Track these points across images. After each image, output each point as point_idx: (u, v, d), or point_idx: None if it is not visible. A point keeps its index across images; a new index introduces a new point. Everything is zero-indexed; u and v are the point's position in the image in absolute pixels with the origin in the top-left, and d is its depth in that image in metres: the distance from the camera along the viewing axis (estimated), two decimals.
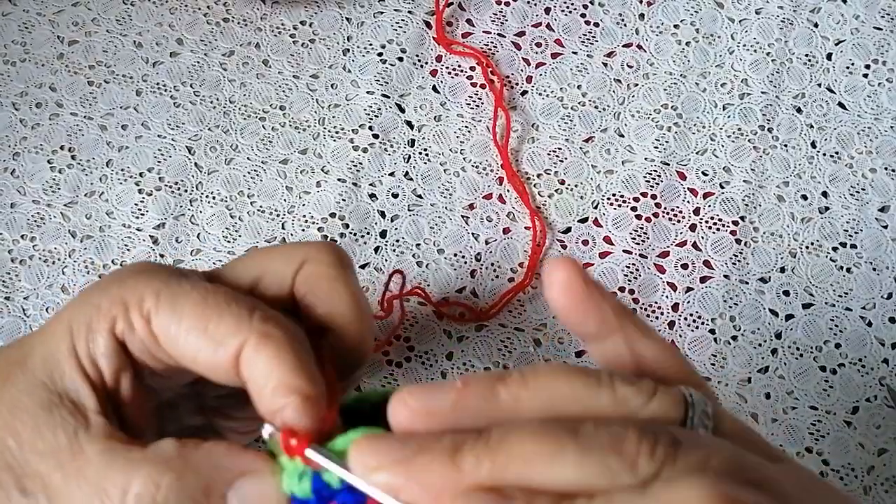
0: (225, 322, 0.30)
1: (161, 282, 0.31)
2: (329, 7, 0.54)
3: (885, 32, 0.54)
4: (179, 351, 0.31)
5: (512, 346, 0.47)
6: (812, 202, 0.50)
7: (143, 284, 0.31)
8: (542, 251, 0.49)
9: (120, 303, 0.31)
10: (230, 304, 0.31)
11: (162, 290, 0.31)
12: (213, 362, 0.30)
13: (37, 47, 0.52)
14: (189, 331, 0.30)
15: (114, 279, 0.32)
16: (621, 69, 0.53)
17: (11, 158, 0.50)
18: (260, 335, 0.30)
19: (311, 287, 0.33)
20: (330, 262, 0.33)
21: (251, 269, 0.34)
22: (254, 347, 0.30)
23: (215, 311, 0.30)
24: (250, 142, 0.51)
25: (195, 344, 0.30)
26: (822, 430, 0.46)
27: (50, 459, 0.29)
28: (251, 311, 0.31)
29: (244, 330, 0.30)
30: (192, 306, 0.30)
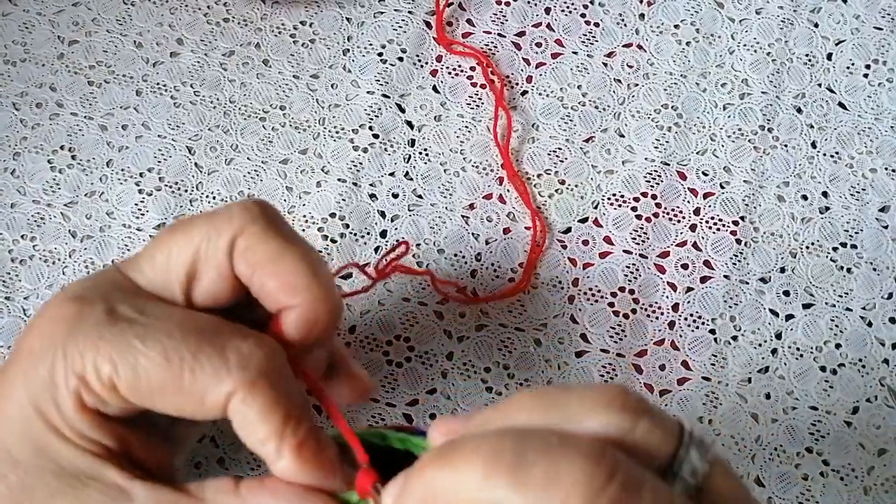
0: (200, 377, 0.28)
1: (107, 342, 0.29)
2: (329, 7, 0.54)
3: (886, 32, 0.54)
4: (160, 409, 0.29)
5: (512, 346, 0.47)
6: (812, 202, 0.50)
7: (89, 350, 0.29)
8: (541, 251, 0.49)
9: (74, 377, 0.29)
10: (198, 355, 0.29)
11: (113, 354, 0.29)
12: (199, 413, 0.29)
13: (37, 47, 0.52)
14: (164, 392, 0.29)
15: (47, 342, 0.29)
16: (621, 69, 0.53)
17: (11, 158, 0.50)
18: (245, 386, 0.29)
19: (254, 266, 0.31)
20: (263, 231, 0.31)
21: (177, 260, 0.31)
22: (241, 399, 0.29)
23: (186, 367, 0.28)
24: (250, 142, 0.51)
25: (175, 402, 0.29)
26: (823, 431, 0.46)
27: None
28: (223, 355, 0.29)
29: (227, 382, 0.29)
30: (155, 368, 0.28)
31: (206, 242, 0.31)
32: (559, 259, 0.49)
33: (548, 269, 0.49)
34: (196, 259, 0.31)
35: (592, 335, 0.48)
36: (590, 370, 0.47)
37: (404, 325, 0.48)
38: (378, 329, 0.47)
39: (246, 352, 0.29)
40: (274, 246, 0.31)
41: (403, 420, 0.46)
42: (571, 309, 0.48)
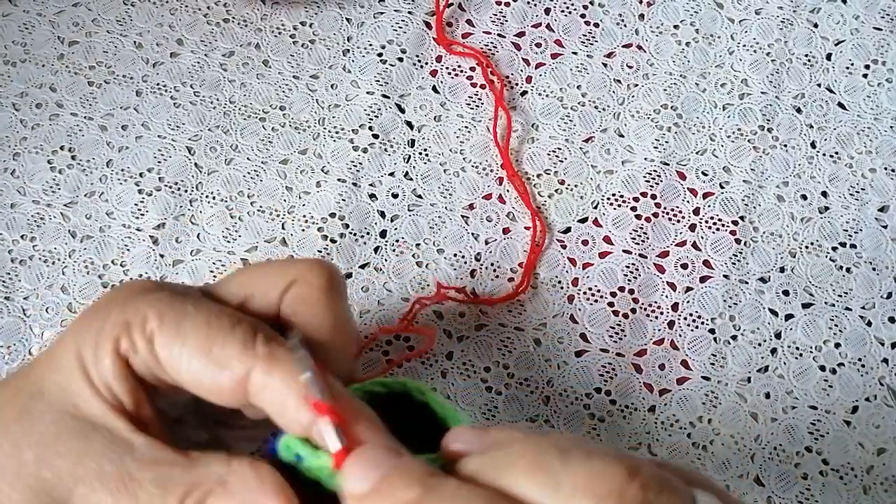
0: (230, 345, 0.30)
1: (164, 303, 0.31)
2: (329, 7, 0.54)
3: (885, 33, 0.54)
4: (182, 373, 0.30)
5: (512, 346, 0.47)
6: (812, 202, 0.50)
7: (146, 305, 0.31)
8: (540, 251, 0.49)
9: (122, 323, 0.31)
10: (234, 328, 0.30)
11: (165, 311, 0.31)
12: (216, 386, 0.30)
13: (37, 48, 0.52)
14: (193, 354, 0.30)
15: (114, 299, 0.32)
16: (621, 69, 0.53)
17: (11, 159, 0.50)
18: (267, 359, 0.30)
19: (296, 309, 0.33)
20: (318, 286, 0.33)
21: (242, 286, 0.33)
22: (264, 371, 0.30)
23: (220, 335, 0.30)
24: (250, 142, 0.51)
25: (198, 367, 0.30)
26: (822, 430, 0.46)
27: (97, 485, 0.29)
28: (254, 333, 0.30)
29: (249, 354, 0.30)
30: (195, 329, 0.30)
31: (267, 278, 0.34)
32: (559, 259, 0.49)
33: (547, 268, 0.49)
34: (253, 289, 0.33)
35: (592, 335, 0.48)
36: (589, 370, 0.47)
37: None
38: (378, 328, 0.48)
39: (272, 335, 0.31)
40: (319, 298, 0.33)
41: None
42: (571, 309, 0.48)
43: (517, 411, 0.47)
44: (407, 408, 0.32)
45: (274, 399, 0.30)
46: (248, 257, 0.49)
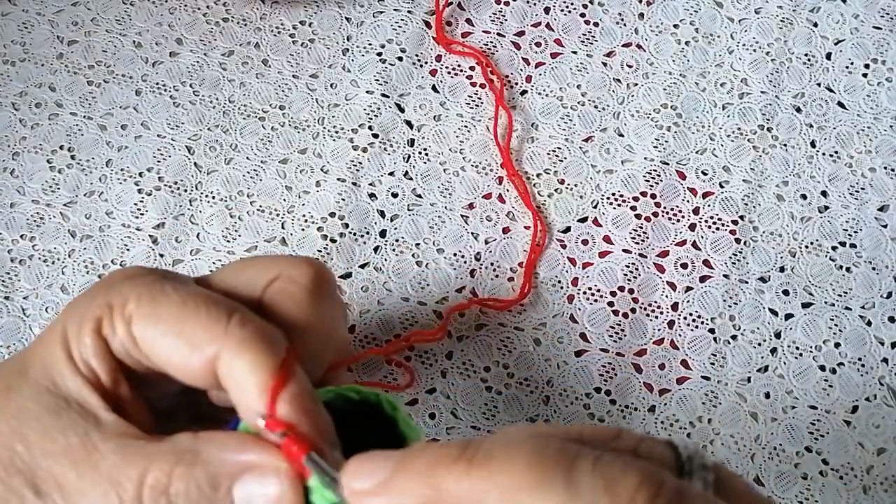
0: (201, 325, 0.30)
1: (145, 286, 0.31)
2: (328, 7, 0.54)
3: (885, 32, 0.54)
4: (156, 354, 0.31)
5: (512, 346, 0.47)
6: (811, 201, 0.50)
7: (129, 288, 0.31)
8: (541, 251, 0.49)
9: (106, 305, 0.31)
10: (208, 308, 0.30)
11: (144, 293, 0.31)
12: (187, 366, 0.30)
13: (36, 47, 0.52)
14: (165, 334, 0.30)
15: (104, 283, 0.32)
16: (621, 69, 0.53)
17: (11, 158, 0.50)
18: (237, 340, 0.30)
19: (276, 301, 0.33)
20: (301, 283, 0.33)
21: (230, 277, 0.33)
22: (231, 353, 0.29)
23: (192, 315, 0.30)
24: (250, 141, 0.51)
25: (170, 347, 0.30)
26: (822, 430, 0.46)
27: (62, 459, 0.29)
28: (229, 314, 0.30)
29: (219, 335, 0.30)
30: (169, 308, 0.30)
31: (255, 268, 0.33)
32: (559, 258, 0.49)
33: (547, 268, 0.49)
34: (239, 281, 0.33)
35: (592, 334, 0.48)
36: (589, 369, 0.47)
37: (403, 324, 0.48)
38: (377, 328, 0.48)
39: (248, 316, 0.31)
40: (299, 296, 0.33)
41: None
42: (571, 308, 0.48)
43: (517, 411, 0.47)
44: (377, 419, 0.32)
45: (237, 382, 0.30)
46: (247, 257, 0.49)
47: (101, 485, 0.29)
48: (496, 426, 0.46)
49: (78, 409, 0.30)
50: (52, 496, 0.29)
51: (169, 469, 0.29)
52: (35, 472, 0.29)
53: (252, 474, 0.29)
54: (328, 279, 0.34)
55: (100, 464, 0.29)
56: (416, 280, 0.48)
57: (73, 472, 0.29)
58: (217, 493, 0.29)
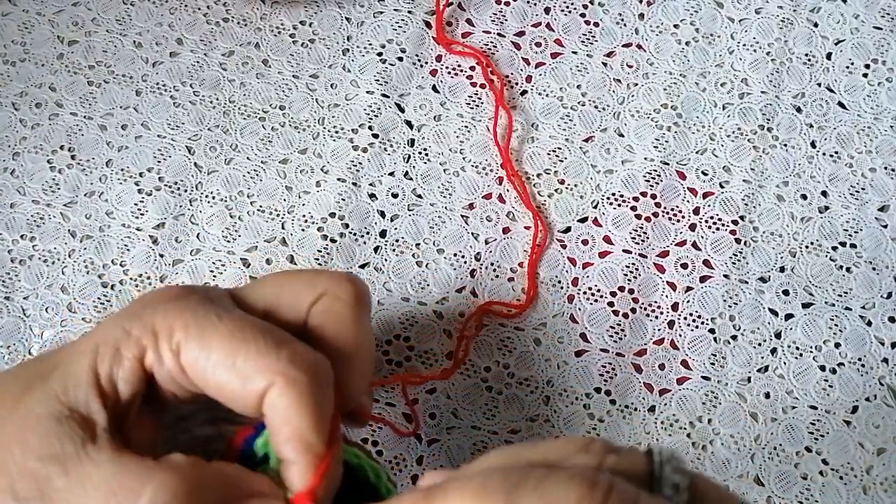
0: (253, 358, 0.31)
1: (191, 313, 0.32)
2: (329, 7, 0.54)
3: (885, 32, 0.54)
4: (207, 384, 0.31)
5: (512, 346, 0.47)
6: (812, 202, 0.50)
7: (174, 314, 0.31)
8: (541, 251, 0.49)
9: (151, 332, 0.31)
10: (258, 340, 0.31)
11: (191, 322, 0.31)
12: (239, 396, 0.31)
13: (36, 47, 0.52)
14: (217, 365, 0.31)
15: (146, 304, 0.32)
16: (621, 69, 0.53)
17: (11, 158, 0.50)
18: (286, 379, 0.30)
19: (323, 321, 0.33)
20: (347, 300, 0.34)
21: (270, 294, 0.34)
22: (278, 390, 0.30)
23: (243, 347, 0.31)
24: (250, 141, 0.51)
25: (223, 378, 0.31)
26: (822, 430, 0.46)
27: (54, 465, 0.29)
28: (278, 348, 0.31)
29: (271, 370, 0.30)
30: (220, 340, 0.31)
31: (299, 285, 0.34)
32: (559, 258, 0.49)
33: (548, 268, 0.49)
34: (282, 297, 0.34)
35: (592, 334, 0.48)
36: (589, 369, 0.47)
37: (404, 324, 0.48)
38: (378, 328, 0.48)
39: (300, 351, 0.31)
40: (347, 315, 0.34)
41: (404, 420, 0.46)
42: (571, 308, 0.48)
43: (517, 411, 0.47)
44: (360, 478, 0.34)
45: (280, 418, 0.30)
46: (247, 257, 0.49)
47: (94, 494, 0.29)
48: (496, 426, 0.46)
49: (80, 420, 0.30)
50: (30, 502, 0.29)
51: (172, 485, 0.29)
52: (21, 474, 0.29)
53: (260, 501, 0.30)
54: (368, 296, 0.35)
55: (94, 473, 0.29)
56: (417, 280, 0.48)
57: (62, 479, 0.29)
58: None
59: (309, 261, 0.48)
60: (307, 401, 0.30)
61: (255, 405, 0.31)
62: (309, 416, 0.30)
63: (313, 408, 0.30)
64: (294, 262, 0.48)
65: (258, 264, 0.49)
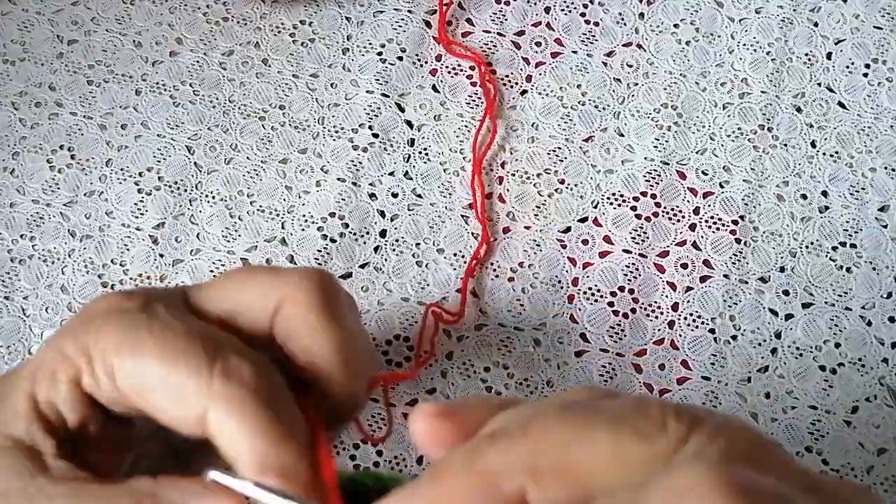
0: (183, 378, 0.28)
1: (123, 328, 0.29)
2: (329, 6, 0.54)
3: (885, 31, 0.54)
4: (147, 407, 0.29)
5: (512, 346, 0.47)
6: (812, 201, 0.50)
7: (106, 334, 0.29)
8: (479, 262, 0.49)
9: (84, 354, 0.29)
10: (187, 357, 0.28)
11: (124, 341, 0.29)
12: (181, 419, 0.28)
13: (36, 46, 0.52)
14: (152, 389, 0.28)
15: (84, 319, 0.30)
16: (621, 68, 0.53)
17: (11, 158, 0.50)
18: (223, 399, 0.27)
19: (290, 335, 0.30)
20: (310, 305, 0.30)
21: (226, 300, 0.31)
22: (217, 413, 0.27)
23: (174, 365, 0.28)
24: (250, 141, 0.51)
25: (160, 402, 0.28)
26: (822, 430, 0.46)
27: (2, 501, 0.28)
28: (211, 362, 0.28)
29: (204, 391, 0.27)
30: (151, 360, 0.28)
31: (257, 298, 0.31)
32: (559, 259, 0.49)
33: (548, 268, 0.49)
34: (238, 307, 0.31)
35: (592, 335, 0.48)
36: (589, 370, 0.47)
37: (404, 324, 0.48)
38: (378, 329, 0.48)
39: (233, 365, 0.28)
40: (313, 322, 0.30)
41: (404, 420, 0.46)
42: (571, 308, 0.48)
43: None
44: None
45: (227, 446, 0.28)
46: (248, 257, 0.49)
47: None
48: None
49: (25, 451, 0.28)
50: None
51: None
52: None
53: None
54: (337, 291, 0.31)
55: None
56: (416, 280, 0.48)
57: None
58: None
59: (309, 260, 0.48)
60: (253, 417, 0.27)
61: (199, 430, 0.28)
62: (260, 431, 0.27)
63: (262, 422, 0.27)
64: (294, 262, 0.48)
65: (258, 264, 0.48)
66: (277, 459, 0.27)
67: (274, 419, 0.28)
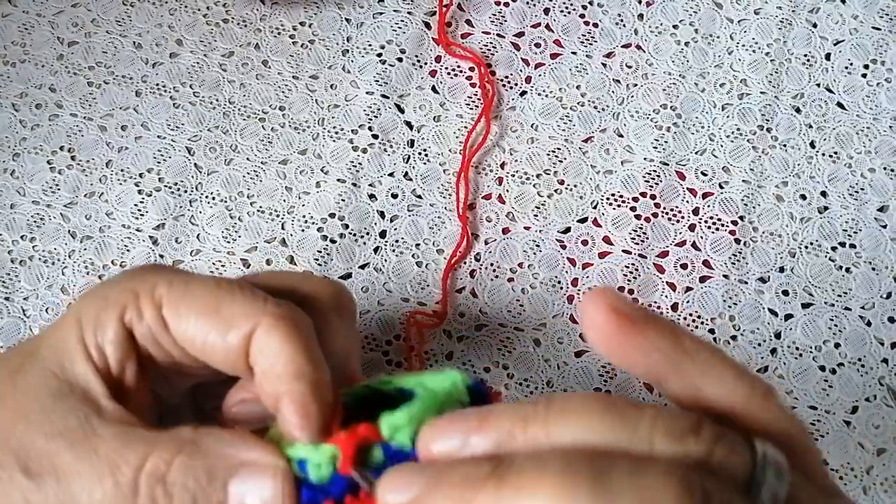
0: (238, 303, 0.30)
1: (173, 272, 0.32)
2: (328, 8, 0.54)
3: (884, 32, 0.54)
4: (189, 335, 0.31)
5: (512, 346, 0.47)
6: (811, 202, 0.50)
7: (155, 275, 0.31)
8: (458, 261, 0.49)
9: (131, 291, 0.31)
10: (243, 289, 0.31)
11: (174, 278, 0.31)
12: (222, 347, 0.30)
13: (36, 48, 0.52)
14: (200, 313, 0.30)
15: (125, 274, 0.32)
16: (620, 69, 0.53)
17: (11, 159, 0.50)
18: (273, 317, 0.30)
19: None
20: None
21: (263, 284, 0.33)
22: (266, 329, 0.30)
23: (228, 294, 0.30)
24: (250, 142, 0.51)
25: (205, 327, 0.30)
26: (822, 430, 0.46)
27: (60, 440, 0.29)
28: (265, 296, 0.31)
29: (258, 312, 0.30)
30: (203, 289, 0.31)
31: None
32: (558, 259, 0.49)
33: (547, 268, 0.49)
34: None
35: None
36: (589, 370, 0.47)
37: (404, 324, 0.48)
38: (378, 329, 0.48)
39: (284, 302, 0.31)
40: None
41: None
42: (571, 309, 0.48)
43: None
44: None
45: (265, 359, 0.30)
46: (247, 257, 0.49)
47: (98, 468, 0.29)
48: None
49: (81, 394, 0.30)
50: (43, 477, 0.29)
51: (169, 457, 0.29)
52: (30, 452, 0.29)
53: (248, 472, 0.29)
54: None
55: (99, 447, 0.29)
56: (416, 281, 0.49)
57: (69, 454, 0.29)
58: (212, 486, 0.29)
59: (309, 261, 0.48)
60: (298, 334, 0.30)
61: (238, 356, 0.30)
62: (302, 347, 0.29)
63: (305, 341, 0.30)
64: (294, 263, 0.48)
65: (258, 265, 0.49)
66: (313, 374, 0.29)
67: (313, 344, 0.30)
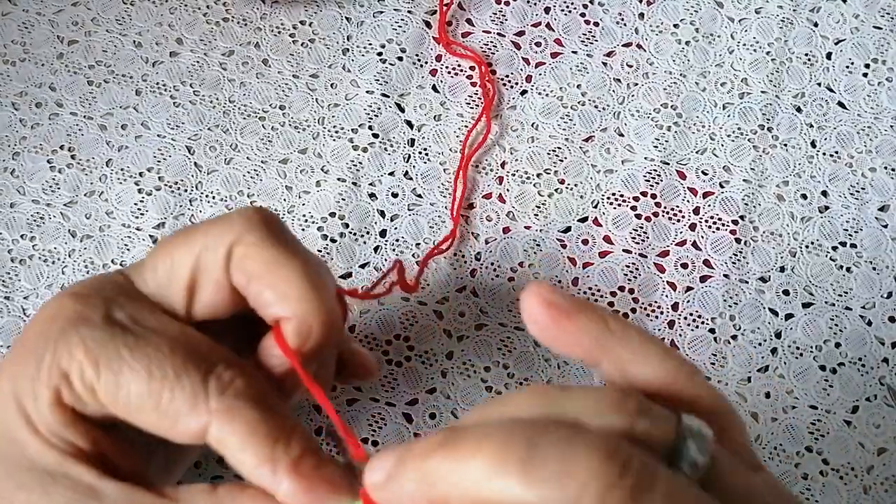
0: (178, 399, 0.28)
1: (96, 343, 0.29)
2: (329, 7, 0.54)
3: (885, 31, 0.54)
4: (137, 422, 0.29)
5: (512, 346, 0.47)
6: (812, 201, 0.50)
7: (76, 346, 0.29)
8: (441, 253, 0.49)
9: (58, 373, 0.29)
10: (179, 377, 0.28)
11: (100, 355, 0.28)
12: (176, 435, 0.29)
13: (36, 47, 0.52)
14: (139, 409, 0.28)
15: (42, 334, 0.29)
16: (621, 68, 0.53)
17: (11, 158, 0.50)
18: (222, 415, 0.28)
19: (250, 275, 0.30)
20: (260, 239, 0.30)
21: (178, 273, 0.31)
22: (219, 428, 0.28)
23: (165, 388, 0.28)
24: (250, 141, 0.51)
25: (150, 420, 0.28)
26: (822, 430, 0.46)
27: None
28: (204, 382, 0.28)
29: (202, 410, 0.28)
30: (137, 382, 0.28)
31: (205, 252, 0.31)
32: (558, 258, 0.49)
33: (548, 268, 0.49)
34: (196, 270, 0.31)
35: None
36: (589, 370, 0.47)
37: (404, 324, 0.48)
38: (378, 328, 0.48)
39: (227, 379, 0.29)
40: (270, 254, 0.30)
41: (404, 420, 0.46)
42: None
43: None
44: None
45: (232, 456, 0.28)
46: None
47: None
48: None
49: (69, 484, 0.28)
50: None
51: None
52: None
53: None
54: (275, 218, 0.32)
55: None
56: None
57: None
58: None
59: None
60: (255, 424, 0.28)
61: (191, 439, 0.29)
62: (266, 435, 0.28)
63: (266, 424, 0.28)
64: None
65: None
66: (286, 455, 0.28)
67: (273, 419, 0.28)
